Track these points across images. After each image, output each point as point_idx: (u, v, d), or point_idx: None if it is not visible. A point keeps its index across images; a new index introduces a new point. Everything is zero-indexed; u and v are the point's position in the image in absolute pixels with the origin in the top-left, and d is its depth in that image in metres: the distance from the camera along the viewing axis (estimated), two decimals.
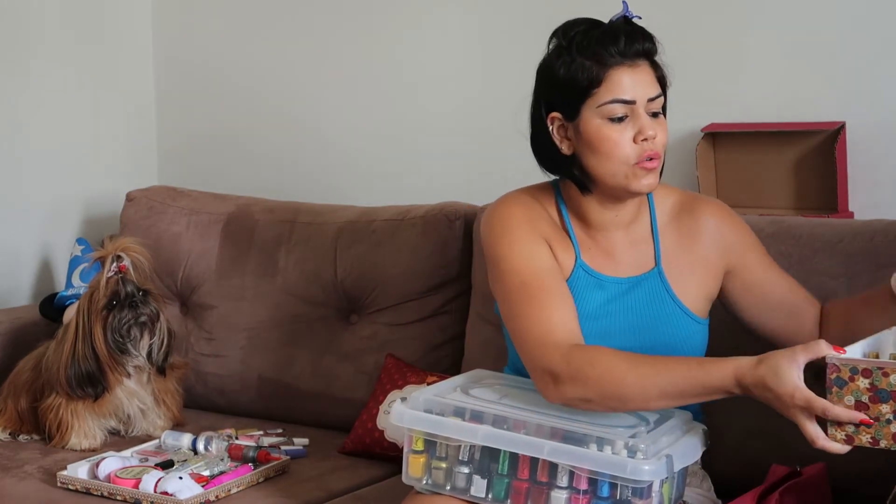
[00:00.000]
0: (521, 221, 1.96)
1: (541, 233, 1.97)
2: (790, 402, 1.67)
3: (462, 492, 1.86)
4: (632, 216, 2.00)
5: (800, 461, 2.04)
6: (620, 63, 1.87)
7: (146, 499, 2.25)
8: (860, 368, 1.65)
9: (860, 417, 1.65)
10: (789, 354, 1.69)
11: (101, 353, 2.54)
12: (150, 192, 3.12)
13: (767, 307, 2.03)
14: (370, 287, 2.76)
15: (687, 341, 1.98)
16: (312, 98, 3.27)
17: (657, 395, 1.76)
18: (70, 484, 2.34)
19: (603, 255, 2.00)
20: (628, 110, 1.88)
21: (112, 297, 2.55)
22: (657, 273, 1.99)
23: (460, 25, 3.04)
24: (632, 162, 1.88)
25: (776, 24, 2.64)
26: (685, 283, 1.99)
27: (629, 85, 1.87)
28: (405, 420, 1.88)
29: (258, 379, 2.85)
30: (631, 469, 1.73)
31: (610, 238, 2.00)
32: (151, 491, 2.25)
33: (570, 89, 1.90)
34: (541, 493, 1.80)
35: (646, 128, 1.87)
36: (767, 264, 2.05)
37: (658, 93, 1.91)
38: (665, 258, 2.00)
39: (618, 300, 1.99)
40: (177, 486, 2.25)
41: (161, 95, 3.52)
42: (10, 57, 3.16)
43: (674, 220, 2.02)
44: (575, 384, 1.79)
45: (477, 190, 2.77)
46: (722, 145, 2.67)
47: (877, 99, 2.55)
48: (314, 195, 3.10)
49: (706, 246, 2.01)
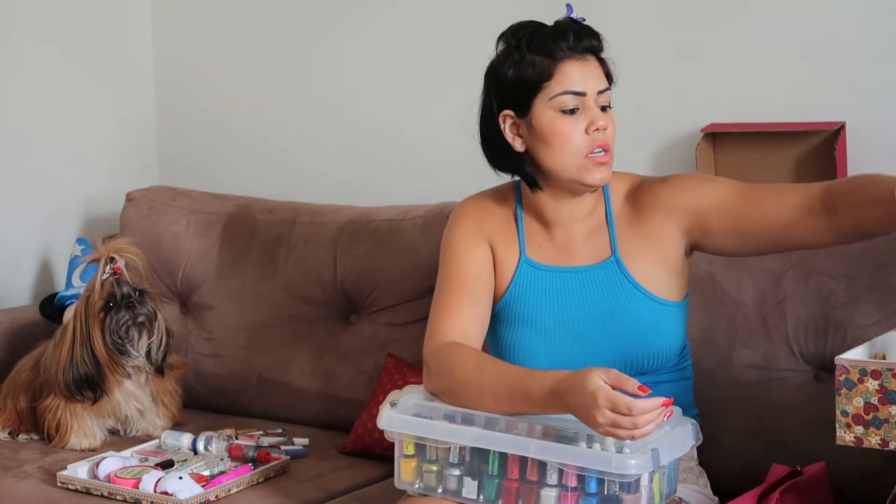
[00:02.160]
0: (467, 222, 2.07)
1: (486, 233, 2.06)
2: (593, 402, 1.71)
3: (454, 494, 1.87)
4: (588, 209, 2.02)
5: (800, 461, 2.04)
6: (570, 56, 1.93)
7: (146, 499, 2.25)
8: (869, 370, 1.65)
9: (663, 401, 1.71)
10: (597, 369, 1.75)
11: (101, 355, 2.54)
12: (150, 192, 3.12)
13: (767, 231, 1.92)
14: (370, 287, 2.76)
15: (654, 326, 1.98)
16: (312, 98, 3.27)
17: (492, 400, 1.86)
18: (70, 484, 2.35)
19: (558, 250, 2.03)
20: (579, 102, 1.93)
21: (108, 298, 2.54)
22: (614, 261, 2.00)
23: (459, 26, 3.04)
24: (583, 153, 1.93)
25: (776, 25, 2.64)
26: (643, 265, 1.99)
27: (579, 77, 1.93)
28: (393, 424, 1.89)
29: (258, 379, 2.85)
30: (616, 464, 1.74)
31: (568, 232, 2.03)
32: (151, 491, 2.25)
33: (521, 85, 1.95)
34: (531, 491, 1.81)
35: (597, 118, 1.92)
36: (738, 195, 1.94)
37: (606, 86, 1.96)
38: (621, 245, 2.01)
39: (576, 291, 2.01)
40: (177, 486, 2.25)
41: (161, 95, 3.52)
42: (9, 57, 3.16)
43: (626, 204, 2.03)
44: (436, 378, 1.94)
45: (477, 190, 2.76)
46: (722, 145, 2.67)
47: (877, 99, 2.55)
48: (314, 195, 3.10)
49: (654, 219, 2.00)
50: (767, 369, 2.26)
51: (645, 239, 2.00)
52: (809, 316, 2.25)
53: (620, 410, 1.69)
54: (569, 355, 1.99)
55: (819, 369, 2.25)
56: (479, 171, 2.96)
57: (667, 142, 2.73)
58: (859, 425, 1.66)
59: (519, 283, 2.04)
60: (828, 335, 2.23)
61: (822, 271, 2.25)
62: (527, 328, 2.02)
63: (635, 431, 1.71)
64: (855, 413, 1.67)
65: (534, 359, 2.01)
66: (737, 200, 1.93)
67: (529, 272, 2.04)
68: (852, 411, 1.68)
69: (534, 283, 2.03)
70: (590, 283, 2.00)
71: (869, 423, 1.66)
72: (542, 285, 2.03)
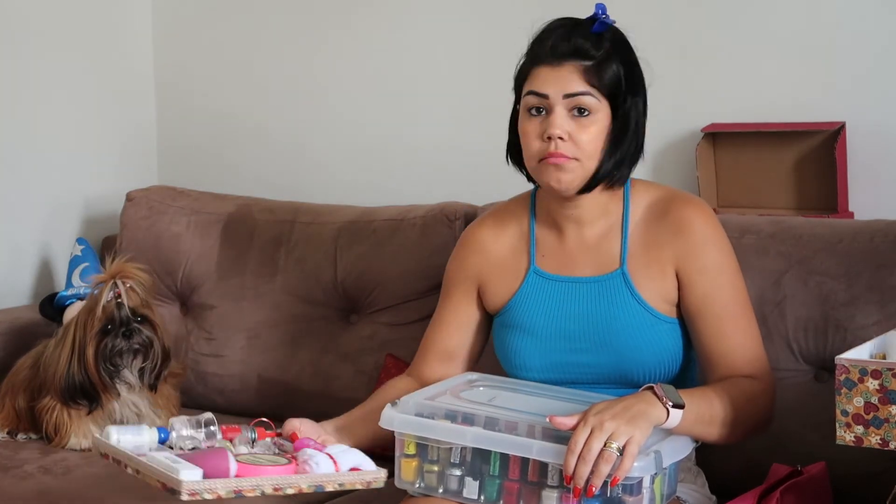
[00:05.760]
0: (458, 261, 2.13)
1: (477, 269, 2.10)
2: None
3: (455, 494, 1.86)
4: (594, 214, 2.00)
5: (800, 461, 2.04)
6: (545, 61, 1.93)
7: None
8: (870, 370, 1.65)
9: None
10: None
11: (92, 375, 2.53)
12: (150, 192, 3.12)
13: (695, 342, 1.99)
14: (370, 287, 2.76)
15: (656, 343, 1.97)
16: (313, 97, 3.27)
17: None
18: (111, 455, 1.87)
19: (565, 257, 2.03)
20: (543, 104, 1.93)
21: (107, 321, 2.53)
22: (620, 273, 1.99)
23: (460, 25, 3.04)
24: (537, 157, 1.94)
25: (776, 25, 2.64)
26: (649, 282, 1.98)
27: (545, 80, 1.93)
28: (395, 424, 1.89)
29: (258, 379, 2.85)
30: None
31: (574, 237, 2.02)
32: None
33: (516, 81, 2.01)
34: (532, 492, 1.80)
35: (551, 125, 1.91)
36: (712, 308, 1.95)
37: (581, 90, 1.91)
38: (631, 258, 1.99)
39: (577, 303, 2.00)
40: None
41: (161, 95, 3.51)
42: (10, 57, 3.16)
43: (647, 216, 2.00)
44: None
45: (477, 190, 2.77)
46: (722, 145, 2.67)
47: (877, 99, 2.55)
48: (314, 195, 3.10)
49: (664, 243, 1.98)
50: None
51: (652, 258, 1.98)
52: (809, 316, 2.24)
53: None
54: (564, 366, 2.00)
55: (819, 369, 2.25)
56: (479, 171, 2.96)
57: (667, 142, 2.73)
58: (859, 425, 1.66)
59: (525, 291, 2.04)
60: (828, 335, 2.23)
61: (822, 271, 2.25)
62: (526, 335, 2.02)
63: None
64: (855, 413, 1.67)
65: (529, 366, 2.02)
66: (707, 310, 1.95)
67: (536, 281, 2.04)
68: (852, 411, 1.68)
69: (539, 291, 2.03)
70: (592, 296, 2.00)
71: (869, 423, 1.66)
72: (545, 295, 2.02)
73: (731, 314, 1.95)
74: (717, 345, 1.94)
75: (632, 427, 1.71)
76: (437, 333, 2.14)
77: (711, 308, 1.95)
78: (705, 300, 1.95)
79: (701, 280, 1.95)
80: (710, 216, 2.00)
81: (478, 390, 1.99)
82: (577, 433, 1.71)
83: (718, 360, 1.94)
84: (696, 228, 1.97)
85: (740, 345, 1.94)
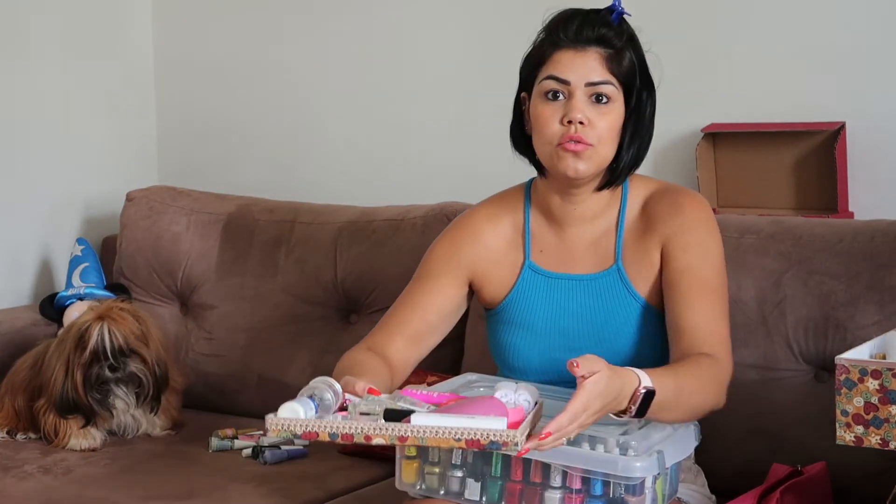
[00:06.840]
0: (453, 247, 2.07)
1: (469, 259, 2.05)
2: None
3: (456, 496, 1.86)
4: (595, 211, 2.01)
5: (800, 461, 2.04)
6: (568, 45, 1.92)
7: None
8: (870, 370, 1.65)
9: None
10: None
11: (81, 399, 2.52)
12: (150, 192, 3.12)
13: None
14: (370, 287, 2.76)
15: (652, 339, 1.98)
16: (313, 98, 3.27)
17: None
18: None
19: (563, 253, 2.03)
20: (563, 90, 1.91)
21: (93, 356, 2.52)
22: (616, 270, 1.99)
23: (460, 25, 3.04)
24: (555, 142, 1.92)
25: (776, 25, 2.64)
26: (642, 275, 1.98)
27: (568, 65, 1.91)
28: None
29: (258, 379, 2.85)
30: (622, 466, 1.73)
31: (574, 234, 2.02)
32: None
33: (527, 65, 1.98)
34: (535, 493, 1.80)
35: (573, 110, 1.90)
36: (687, 282, 1.94)
37: (603, 79, 1.91)
38: (625, 253, 1.99)
39: (574, 300, 2.00)
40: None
41: (161, 95, 3.51)
42: (9, 56, 3.16)
43: (643, 211, 2.01)
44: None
45: (477, 190, 2.76)
46: (722, 145, 2.67)
47: (877, 99, 2.55)
48: (314, 195, 3.10)
49: (657, 226, 1.98)
50: (767, 369, 2.26)
51: (644, 247, 1.98)
52: (809, 316, 2.24)
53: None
54: (561, 362, 1.98)
55: (819, 369, 2.25)
56: (478, 170, 2.96)
57: (667, 142, 2.73)
58: (859, 425, 1.66)
59: (521, 287, 2.04)
60: (828, 335, 2.23)
61: (822, 271, 2.25)
62: (523, 332, 2.03)
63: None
64: (855, 413, 1.68)
65: (527, 362, 2.02)
66: (682, 282, 1.93)
67: (532, 277, 2.04)
68: (852, 411, 1.68)
69: (535, 288, 2.03)
70: (589, 293, 2.00)
71: (869, 423, 1.66)
72: (542, 291, 2.03)
73: (704, 290, 1.93)
74: (685, 317, 1.91)
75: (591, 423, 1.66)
76: (410, 314, 2.07)
77: (686, 280, 1.93)
78: (682, 274, 1.94)
79: (683, 256, 1.95)
80: (704, 205, 2.01)
81: (478, 391, 1.98)
82: (563, 417, 1.60)
83: (683, 332, 1.91)
84: (688, 211, 1.98)
85: (709, 321, 1.91)
